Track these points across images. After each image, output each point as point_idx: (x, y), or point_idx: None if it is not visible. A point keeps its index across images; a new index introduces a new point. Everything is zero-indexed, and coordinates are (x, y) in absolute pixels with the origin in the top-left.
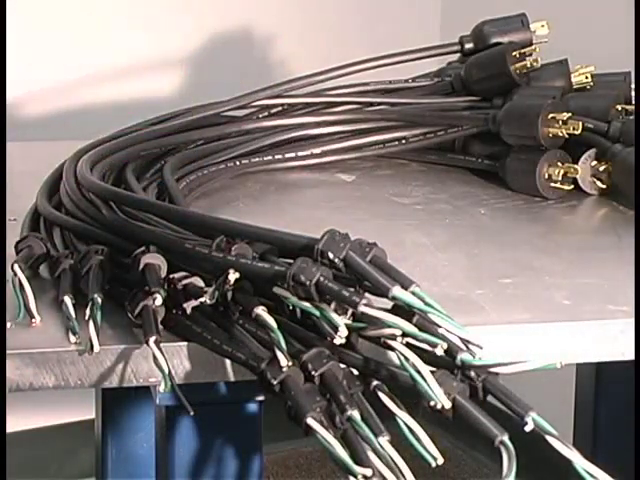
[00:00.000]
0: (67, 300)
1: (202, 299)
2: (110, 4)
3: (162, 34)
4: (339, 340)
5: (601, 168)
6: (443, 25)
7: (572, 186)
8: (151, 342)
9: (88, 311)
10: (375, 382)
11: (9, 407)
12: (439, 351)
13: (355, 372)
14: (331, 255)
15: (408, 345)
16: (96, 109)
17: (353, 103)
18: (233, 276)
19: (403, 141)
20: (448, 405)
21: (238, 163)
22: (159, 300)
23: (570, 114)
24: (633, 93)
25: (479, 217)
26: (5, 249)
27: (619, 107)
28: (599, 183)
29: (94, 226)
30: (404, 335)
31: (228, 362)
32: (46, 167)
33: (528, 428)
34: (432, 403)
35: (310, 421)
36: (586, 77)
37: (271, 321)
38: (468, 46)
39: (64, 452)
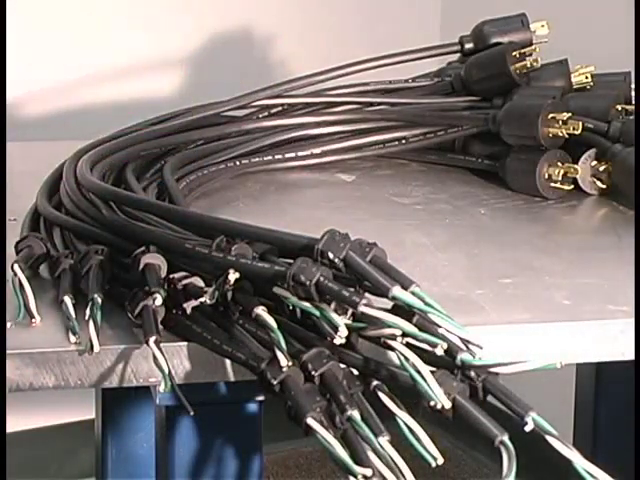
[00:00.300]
0: (67, 300)
1: (202, 299)
2: (110, 4)
3: (162, 34)
4: (339, 340)
5: (601, 168)
6: (443, 25)
7: (572, 186)
8: (151, 342)
9: (88, 311)
10: (375, 382)
11: (9, 407)
12: (439, 351)
13: (355, 372)
14: (331, 255)
15: (408, 345)
16: (96, 109)
17: (353, 103)
18: (233, 276)
19: (403, 141)
20: (448, 405)
21: (238, 163)
22: (159, 300)
23: (570, 114)
24: (633, 93)
25: (479, 217)
26: (5, 249)
27: (619, 107)
28: (599, 183)
29: (94, 226)
30: (404, 335)
31: (228, 362)
32: (46, 167)
33: (528, 428)
34: (432, 403)
35: (310, 421)
36: (586, 77)
37: (271, 321)
38: (468, 46)
39: (64, 452)
